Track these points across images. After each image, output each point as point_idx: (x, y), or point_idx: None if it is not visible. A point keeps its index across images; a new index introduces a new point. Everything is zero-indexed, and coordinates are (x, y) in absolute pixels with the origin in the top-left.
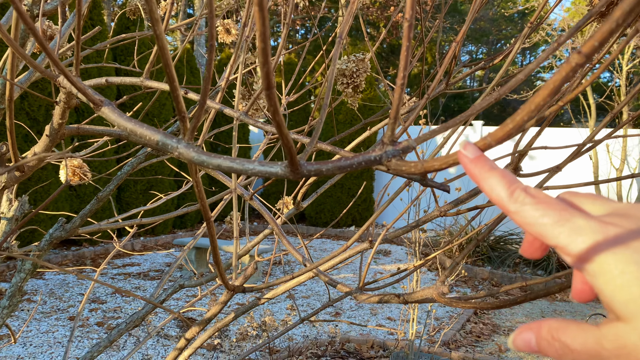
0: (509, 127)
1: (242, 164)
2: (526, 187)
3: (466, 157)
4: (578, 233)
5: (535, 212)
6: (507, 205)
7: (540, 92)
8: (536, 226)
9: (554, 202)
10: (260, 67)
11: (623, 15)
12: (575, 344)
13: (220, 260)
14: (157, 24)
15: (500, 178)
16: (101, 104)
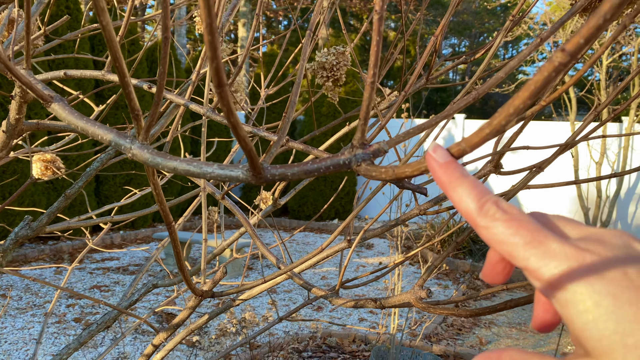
0: (486, 132)
1: (199, 167)
2: (498, 200)
3: (435, 161)
4: (551, 257)
5: (507, 229)
6: (476, 219)
7: (520, 93)
8: (506, 245)
9: (527, 221)
10: (209, 63)
11: (612, 10)
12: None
13: (184, 267)
14: (102, 13)
15: (471, 188)
16: (51, 100)
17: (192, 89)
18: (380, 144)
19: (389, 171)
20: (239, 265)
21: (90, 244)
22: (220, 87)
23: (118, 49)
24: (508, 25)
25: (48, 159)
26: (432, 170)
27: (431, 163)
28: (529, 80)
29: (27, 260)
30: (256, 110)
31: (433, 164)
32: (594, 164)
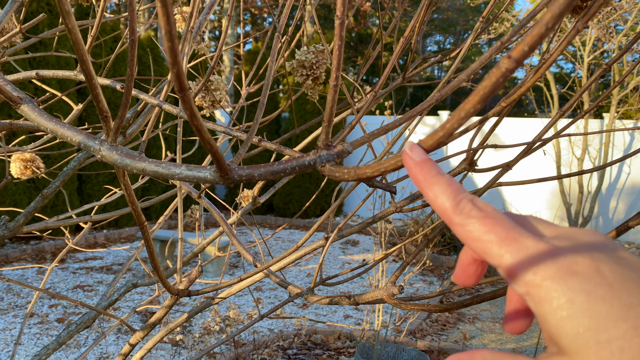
0: (439, 134)
1: (168, 168)
2: (473, 198)
3: (411, 159)
4: (525, 254)
5: (482, 227)
6: (452, 216)
7: (470, 98)
8: (480, 242)
9: (501, 218)
10: (170, 68)
11: (553, 19)
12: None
13: (159, 266)
14: (68, 16)
15: (446, 186)
16: (20, 102)
17: (167, 88)
18: (344, 145)
19: (350, 172)
20: (225, 263)
21: (70, 244)
22: (182, 92)
23: (84, 51)
24: (478, 26)
25: (27, 158)
26: (409, 168)
27: (407, 161)
28: (478, 86)
29: (9, 260)
30: (237, 109)
31: (409, 162)
32: (575, 160)
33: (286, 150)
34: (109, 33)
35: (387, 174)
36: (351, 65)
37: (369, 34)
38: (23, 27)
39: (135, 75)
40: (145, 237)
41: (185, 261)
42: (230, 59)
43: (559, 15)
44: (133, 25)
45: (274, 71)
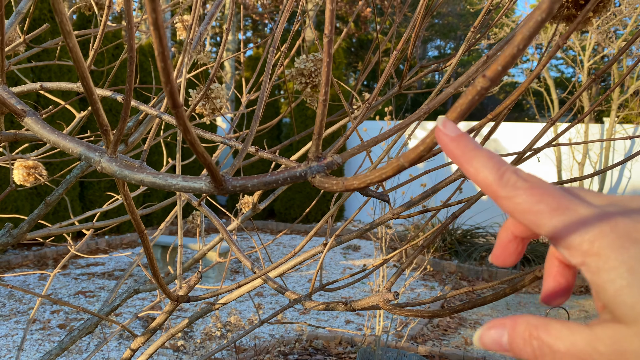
0: (420, 149)
1: (164, 179)
2: (516, 170)
3: (446, 135)
4: (580, 223)
5: (530, 197)
6: (497, 189)
7: (449, 115)
8: (530, 214)
9: (550, 188)
10: (163, 87)
11: (524, 41)
12: (560, 344)
13: (158, 273)
14: (69, 36)
15: (487, 159)
16: (24, 115)
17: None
18: (333, 157)
19: (339, 183)
20: (227, 269)
21: (72, 250)
22: (176, 108)
23: (85, 69)
24: (470, 36)
25: (30, 165)
26: (444, 145)
27: (442, 137)
28: (455, 103)
29: (11, 266)
30: (237, 116)
31: (444, 138)
32: (576, 164)
33: (282, 160)
34: (112, 40)
35: (374, 184)
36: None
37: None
38: (27, 37)
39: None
40: (144, 245)
41: (186, 267)
42: (232, 65)
43: (529, 37)
44: (131, 43)
45: (269, 85)
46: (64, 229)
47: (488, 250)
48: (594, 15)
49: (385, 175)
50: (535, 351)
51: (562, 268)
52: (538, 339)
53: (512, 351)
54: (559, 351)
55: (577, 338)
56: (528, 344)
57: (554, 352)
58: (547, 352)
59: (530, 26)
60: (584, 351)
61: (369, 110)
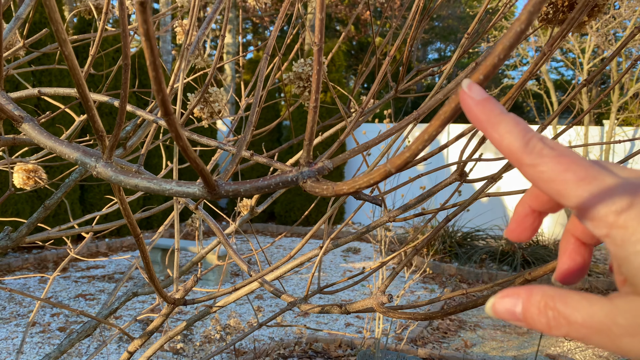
0: (406, 155)
1: (159, 184)
2: (543, 137)
3: (471, 98)
4: (607, 194)
5: (557, 165)
6: (522, 156)
7: (433, 122)
8: (555, 183)
9: (577, 156)
10: (155, 95)
11: (504, 51)
12: (577, 315)
13: (154, 276)
14: (65, 44)
15: (513, 125)
16: (21, 121)
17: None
18: (324, 162)
19: (329, 188)
20: (227, 271)
21: (72, 254)
22: (167, 116)
23: (80, 76)
24: (463, 42)
25: (30, 169)
26: (468, 109)
27: (467, 101)
28: (440, 111)
29: (11, 269)
30: (236, 119)
31: (469, 101)
32: None
33: (277, 164)
34: (112, 43)
35: (363, 189)
36: (352, 74)
37: (370, 42)
38: (26, 42)
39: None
40: (140, 249)
41: (184, 270)
42: (232, 67)
43: (509, 47)
44: (126, 51)
45: (265, 92)
46: (63, 232)
47: (488, 252)
48: (589, 20)
49: (373, 180)
50: (550, 322)
51: (578, 245)
52: (554, 309)
53: (525, 321)
54: (575, 322)
55: (596, 309)
56: (543, 314)
57: (570, 324)
58: (563, 323)
59: (510, 37)
60: (603, 323)
61: (365, 115)
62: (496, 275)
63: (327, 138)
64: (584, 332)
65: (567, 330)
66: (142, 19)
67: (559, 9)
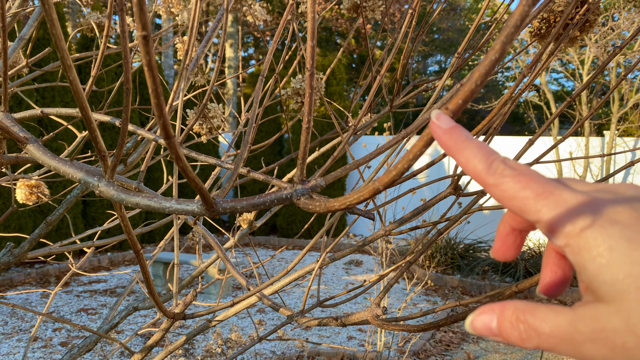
0: (393, 173)
1: (159, 202)
2: (505, 159)
3: (439, 128)
4: (563, 206)
5: (516, 184)
6: (485, 177)
7: (417, 143)
8: (516, 200)
9: (535, 175)
10: (157, 120)
11: (480, 77)
12: (545, 326)
13: (154, 291)
14: (69, 70)
15: (477, 149)
16: (26, 142)
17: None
18: (317, 180)
19: (321, 205)
20: (228, 285)
21: (73, 269)
22: (168, 139)
23: (84, 99)
24: (454, 61)
25: (32, 185)
26: (437, 137)
27: (435, 130)
28: (423, 132)
29: (13, 284)
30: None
31: (437, 130)
32: (578, 178)
33: (273, 181)
34: (115, 59)
35: (353, 206)
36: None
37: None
38: (30, 60)
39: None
40: (141, 264)
41: (184, 285)
42: (234, 81)
43: (485, 74)
44: (127, 76)
45: (260, 112)
46: (65, 247)
47: (490, 264)
48: (581, 35)
49: (362, 197)
50: (522, 334)
51: (558, 259)
52: (524, 322)
53: (500, 335)
54: (543, 333)
55: (561, 319)
56: (515, 327)
57: (539, 335)
58: (533, 335)
59: (485, 65)
60: (567, 332)
61: (363, 129)
62: (498, 287)
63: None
64: (552, 341)
65: (537, 342)
66: (144, 51)
67: (551, 24)
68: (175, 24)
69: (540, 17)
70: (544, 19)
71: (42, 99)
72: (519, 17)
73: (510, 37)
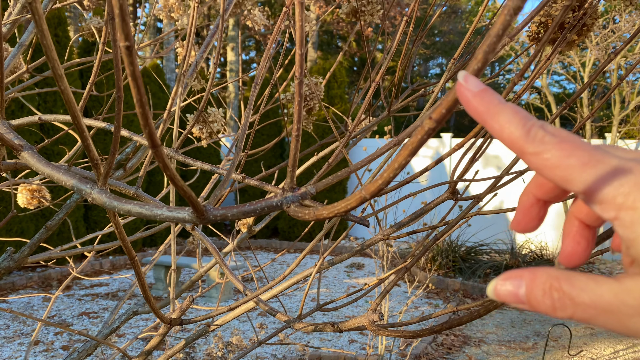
0: (379, 182)
1: (150, 209)
2: (544, 124)
3: (469, 90)
4: (613, 176)
5: (560, 151)
6: (524, 145)
7: (401, 152)
8: (559, 169)
9: (580, 142)
10: (142, 129)
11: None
12: (584, 296)
13: (150, 297)
14: (61, 79)
15: (513, 114)
16: (21, 149)
17: (163, 127)
18: (307, 187)
19: (310, 213)
20: (230, 288)
21: (73, 273)
22: (154, 148)
23: (76, 109)
24: (450, 67)
25: (34, 189)
26: (466, 100)
27: (464, 93)
28: (407, 142)
29: (15, 287)
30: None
31: (466, 93)
32: None
33: (267, 187)
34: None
35: (341, 214)
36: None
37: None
38: (30, 66)
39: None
40: (136, 271)
41: (184, 289)
42: (235, 84)
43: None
44: (119, 84)
45: (258, 116)
46: (65, 252)
47: (492, 267)
48: (579, 39)
49: (350, 206)
50: (555, 303)
51: (582, 228)
52: (559, 291)
53: (528, 303)
54: (582, 303)
55: (604, 290)
56: (548, 295)
57: (576, 305)
58: (569, 304)
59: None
60: (611, 303)
61: (363, 133)
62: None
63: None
64: (591, 312)
65: (572, 312)
66: (128, 61)
67: (549, 28)
68: (175, 28)
69: (537, 21)
70: (541, 22)
71: (44, 103)
72: (500, 26)
73: (492, 46)
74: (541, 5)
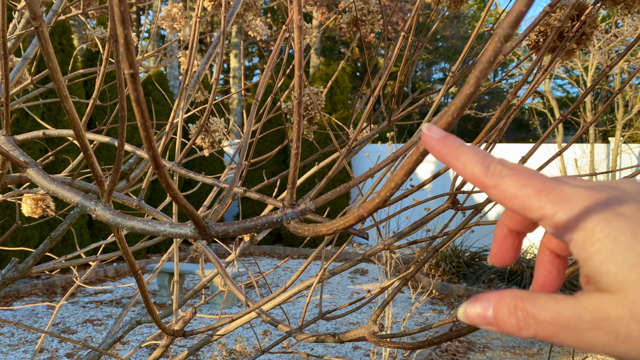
0: (376, 201)
1: (153, 226)
2: (501, 160)
3: (432, 138)
4: (565, 200)
5: (516, 182)
6: (484, 179)
7: (398, 172)
8: (518, 198)
9: (534, 173)
10: (146, 151)
11: (457, 110)
12: (545, 314)
13: (153, 309)
14: (66, 100)
15: (472, 154)
16: (26, 166)
17: (166, 139)
18: (306, 204)
19: (310, 229)
20: (233, 295)
21: (77, 282)
22: (158, 169)
23: (80, 127)
24: (449, 79)
25: (38, 198)
26: (430, 146)
27: (428, 141)
28: (403, 162)
29: (20, 295)
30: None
31: (430, 141)
32: None
33: (268, 200)
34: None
35: (340, 231)
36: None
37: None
38: (34, 78)
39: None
40: (139, 285)
41: (186, 298)
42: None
43: (461, 107)
44: (122, 104)
45: (259, 127)
46: (69, 262)
47: (496, 272)
48: (578, 47)
49: (348, 223)
50: (520, 322)
51: (553, 257)
52: (523, 310)
53: (496, 324)
54: (544, 321)
55: (562, 307)
56: (513, 315)
57: (538, 323)
58: (532, 322)
59: (461, 98)
60: (569, 319)
61: (365, 141)
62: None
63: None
64: (552, 329)
65: (536, 330)
66: (132, 88)
67: (548, 37)
68: (179, 38)
69: (537, 30)
70: (541, 32)
71: (49, 111)
72: (492, 53)
73: (484, 72)
74: (540, 17)
